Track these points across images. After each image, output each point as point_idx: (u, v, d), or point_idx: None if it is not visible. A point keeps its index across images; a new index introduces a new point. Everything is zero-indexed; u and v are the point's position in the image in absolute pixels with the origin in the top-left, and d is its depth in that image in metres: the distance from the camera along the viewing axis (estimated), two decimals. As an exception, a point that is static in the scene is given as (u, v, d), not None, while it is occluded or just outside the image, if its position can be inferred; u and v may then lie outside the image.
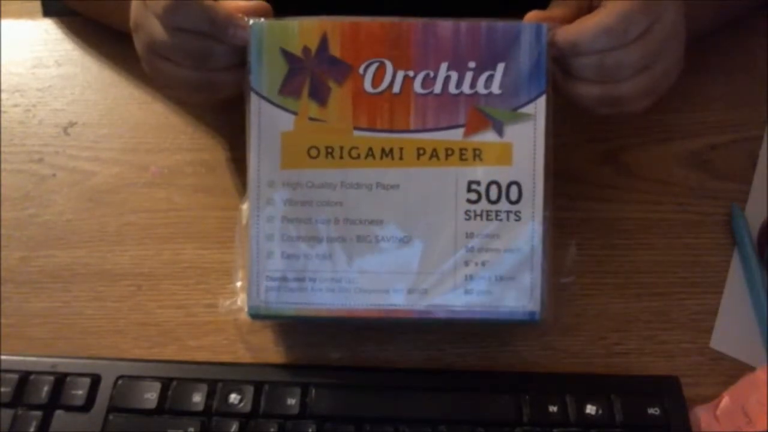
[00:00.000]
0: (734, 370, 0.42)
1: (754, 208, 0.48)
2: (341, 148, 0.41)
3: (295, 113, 0.41)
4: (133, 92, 0.55)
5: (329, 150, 0.41)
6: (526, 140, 0.40)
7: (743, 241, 0.46)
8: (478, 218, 0.40)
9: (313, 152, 0.41)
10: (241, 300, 0.42)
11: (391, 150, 0.40)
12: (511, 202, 0.40)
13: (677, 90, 0.45)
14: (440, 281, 0.41)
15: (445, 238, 0.41)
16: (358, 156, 0.41)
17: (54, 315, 0.46)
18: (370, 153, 0.41)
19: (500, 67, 0.40)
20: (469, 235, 0.41)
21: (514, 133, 0.40)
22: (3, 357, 0.42)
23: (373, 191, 0.41)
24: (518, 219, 0.40)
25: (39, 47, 0.59)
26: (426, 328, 0.44)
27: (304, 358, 0.44)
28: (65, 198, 0.50)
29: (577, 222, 0.48)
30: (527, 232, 0.40)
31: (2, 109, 0.55)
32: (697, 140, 0.52)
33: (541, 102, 0.40)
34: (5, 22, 0.61)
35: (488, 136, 0.40)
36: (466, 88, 0.40)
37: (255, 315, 0.41)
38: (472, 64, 0.40)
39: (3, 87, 0.56)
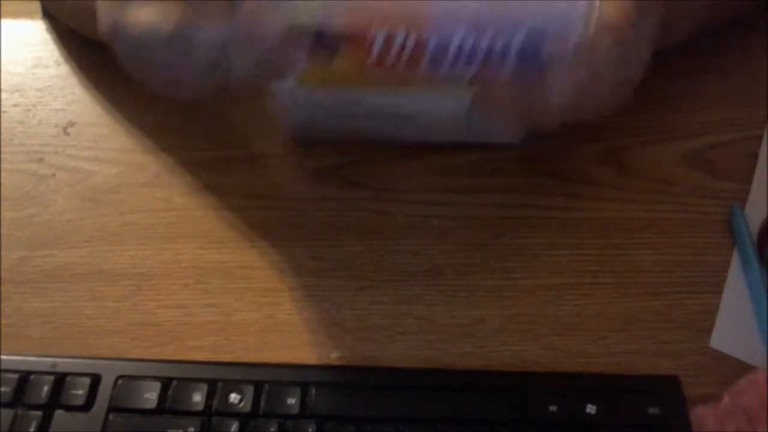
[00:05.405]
0: (734, 370, 0.42)
1: (754, 207, 0.48)
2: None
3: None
4: (133, 92, 0.55)
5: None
6: None
7: (743, 241, 0.46)
8: None
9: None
10: None
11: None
12: None
13: (677, 90, 0.45)
14: None
15: None
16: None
17: (54, 315, 0.46)
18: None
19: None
20: None
21: None
22: (3, 357, 0.42)
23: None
24: None
25: (39, 47, 0.59)
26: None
27: (304, 357, 0.44)
28: (65, 198, 0.50)
29: (577, 222, 0.48)
30: None
31: (2, 109, 0.55)
32: (697, 140, 0.52)
33: None
34: (5, 22, 0.61)
35: None
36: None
37: None
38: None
39: (3, 87, 0.56)
